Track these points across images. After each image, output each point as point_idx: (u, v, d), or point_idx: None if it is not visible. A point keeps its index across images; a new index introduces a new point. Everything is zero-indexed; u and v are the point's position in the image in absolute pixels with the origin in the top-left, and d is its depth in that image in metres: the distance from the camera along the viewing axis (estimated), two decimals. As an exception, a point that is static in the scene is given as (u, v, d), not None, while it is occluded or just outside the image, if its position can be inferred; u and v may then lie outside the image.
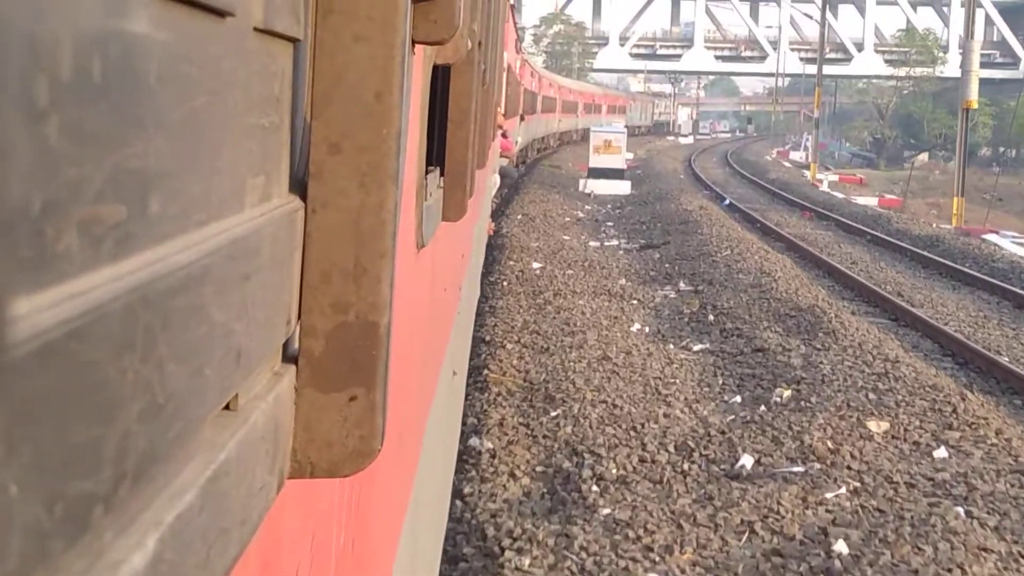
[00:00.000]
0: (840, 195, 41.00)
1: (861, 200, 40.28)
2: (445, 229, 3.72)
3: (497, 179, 20.09)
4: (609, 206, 30.24)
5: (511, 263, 18.20)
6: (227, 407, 0.98)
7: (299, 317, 1.20)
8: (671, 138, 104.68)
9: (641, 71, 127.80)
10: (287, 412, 1.16)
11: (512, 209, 26.77)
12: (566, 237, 22.26)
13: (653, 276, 18.15)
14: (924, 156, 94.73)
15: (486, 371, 11.31)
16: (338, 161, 1.19)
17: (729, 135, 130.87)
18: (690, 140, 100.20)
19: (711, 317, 14.48)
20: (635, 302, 15.49)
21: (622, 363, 11.65)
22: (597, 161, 33.87)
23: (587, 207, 29.55)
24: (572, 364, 11.46)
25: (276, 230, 1.08)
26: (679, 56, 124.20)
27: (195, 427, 0.85)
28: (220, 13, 0.89)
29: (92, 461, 0.67)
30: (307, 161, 1.19)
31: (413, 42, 1.93)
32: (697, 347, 12.81)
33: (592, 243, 21.89)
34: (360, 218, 1.19)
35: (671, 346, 12.79)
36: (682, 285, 17.08)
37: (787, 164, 64.17)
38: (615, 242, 22.38)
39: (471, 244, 7.29)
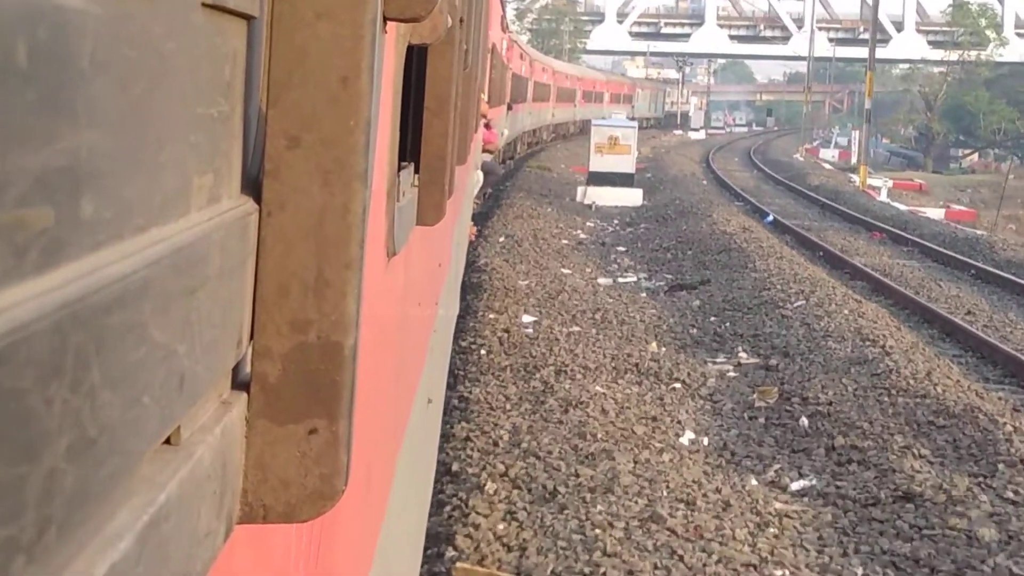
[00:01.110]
0: (901, 206, 38.34)
1: (927, 212, 38.28)
2: (420, 234, 3.73)
3: (480, 176, 20.02)
4: (617, 222, 27.21)
5: (491, 315, 14.55)
6: (168, 441, 0.98)
7: (252, 337, 1.20)
8: (679, 132, 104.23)
9: (642, 53, 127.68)
10: (237, 447, 1.16)
11: (492, 227, 23.35)
12: (566, 271, 18.85)
13: (696, 338, 14.50)
14: (975, 156, 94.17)
15: (450, 555, 7.57)
16: (298, 156, 1.19)
17: (746, 129, 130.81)
18: (701, 135, 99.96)
19: (804, 420, 10.77)
20: (678, 386, 11.89)
21: (682, 527, 8.06)
22: (600, 163, 31.03)
23: (589, 224, 26.55)
24: (599, 532, 7.80)
25: (226, 236, 1.08)
26: (687, 36, 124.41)
27: (131, 464, 0.86)
28: (163, -14, 0.89)
29: (12, 504, 0.67)
30: (262, 157, 1.20)
31: (385, 19, 1.94)
32: (797, 485, 9.34)
33: (602, 280, 18.57)
34: (323, 222, 1.19)
35: (754, 481, 9.32)
36: (743, 355, 13.52)
37: (827, 166, 63.00)
38: (632, 277, 19.22)
39: (450, 251, 7.30)
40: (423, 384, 4.62)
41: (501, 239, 21.83)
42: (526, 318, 14.66)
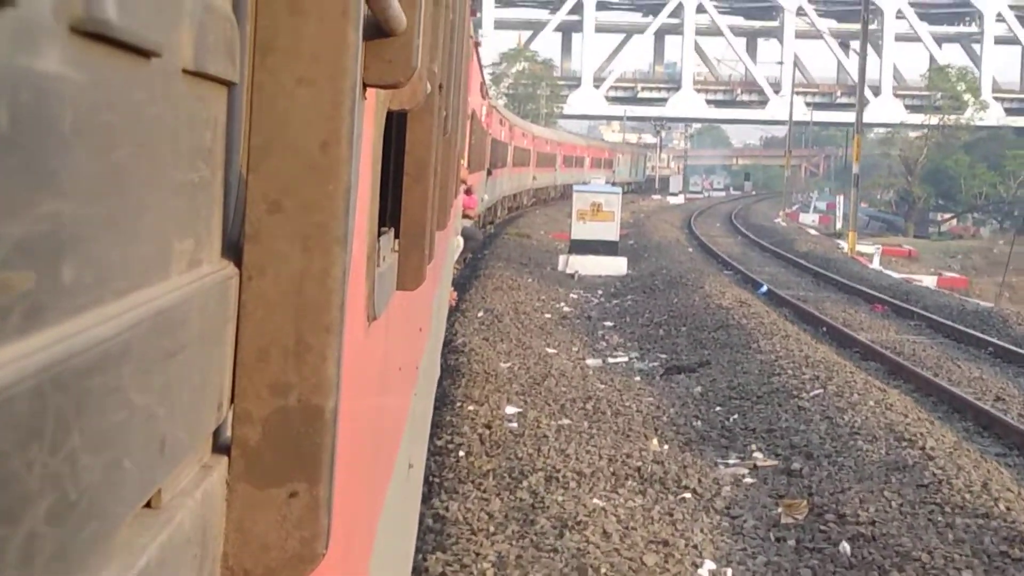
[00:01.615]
0: (894, 274, 37.00)
1: (921, 280, 36.91)
2: (400, 299, 3.73)
3: (460, 241, 20.08)
4: (601, 294, 25.96)
5: (470, 407, 13.01)
6: (148, 504, 0.98)
7: (232, 401, 1.20)
8: (657, 197, 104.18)
9: (619, 117, 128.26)
10: (217, 510, 1.16)
11: (471, 300, 22.07)
12: (551, 350, 17.41)
13: (702, 432, 12.86)
14: (953, 220, 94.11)
15: None
16: (278, 221, 1.19)
17: (723, 193, 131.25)
18: (680, 200, 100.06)
19: (845, 546, 9.11)
20: (688, 496, 10.43)
21: None
22: (582, 231, 30.03)
23: (572, 295, 25.14)
24: None
25: (206, 301, 1.08)
26: (664, 100, 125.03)
27: (112, 528, 0.85)
28: (144, 53, 0.90)
29: (-8, 567, 0.67)
30: (242, 221, 1.20)
31: (364, 85, 1.95)
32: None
33: (591, 360, 17.10)
34: (303, 287, 1.20)
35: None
36: (758, 455, 11.94)
37: (812, 231, 62.57)
38: (623, 357, 17.77)
39: (430, 316, 7.30)
40: (404, 448, 4.61)
41: (480, 314, 20.24)
42: (509, 409, 13.02)
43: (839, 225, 64.92)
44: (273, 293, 1.19)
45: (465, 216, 22.59)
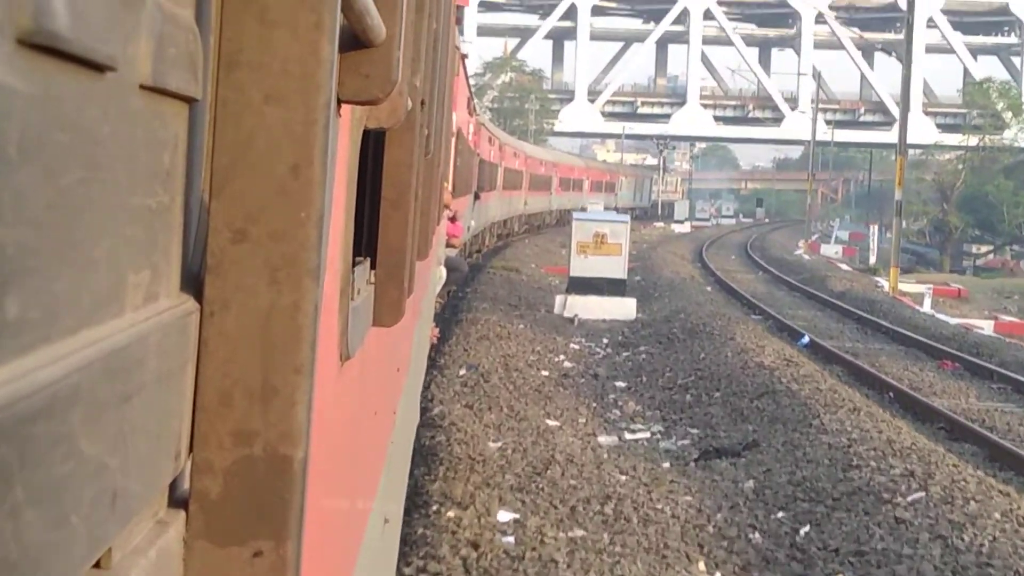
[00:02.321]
0: (948, 318, 34.53)
1: (979, 325, 33.32)
2: (377, 337, 3.73)
3: (443, 273, 20.00)
4: (608, 343, 24.22)
5: (451, 513, 11.20)
6: (98, 564, 0.98)
7: (191, 450, 1.20)
8: (659, 225, 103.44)
9: (617, 135, 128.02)
10: (174, 571, 1.16)
11: (450, 354, 20.24)
12: (552, 422, 15.54)
13: (765, 552, 10.72)
14: (991, 254, 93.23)
15: None
16: (243, 251, 1.20)
17: (733, 221, 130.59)
18: (686, 228, 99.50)
19: None
20: None
21: None
22: (583, 266, 28.42)
23: (573, 346, 23.29)
24: None
25: (164, 338, 1.08)
26: (667, 117, 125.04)
27: (57, 590, 0.85)
28: (98, 67, 0.91)
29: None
30: (204, 251, 1.21)
31: (339, 102, 1.96)
32: None
33: (604, 438, 15.07)
34: (270, 323, 1.20)
35: None
36: None
37: (843, 267, 61.06)
38: (644, 432, 15.80)
39: (409, 355, 7.29)
40: (379, 501, 4.60)
41: (461, 372, 18.36)
42: (503, 515, 11.11)
43: (872, 259, 64.46)
44: (237, 330, 1.20)
45: (449, 245, 22.46)
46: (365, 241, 3.57)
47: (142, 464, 1.04)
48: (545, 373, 19.70)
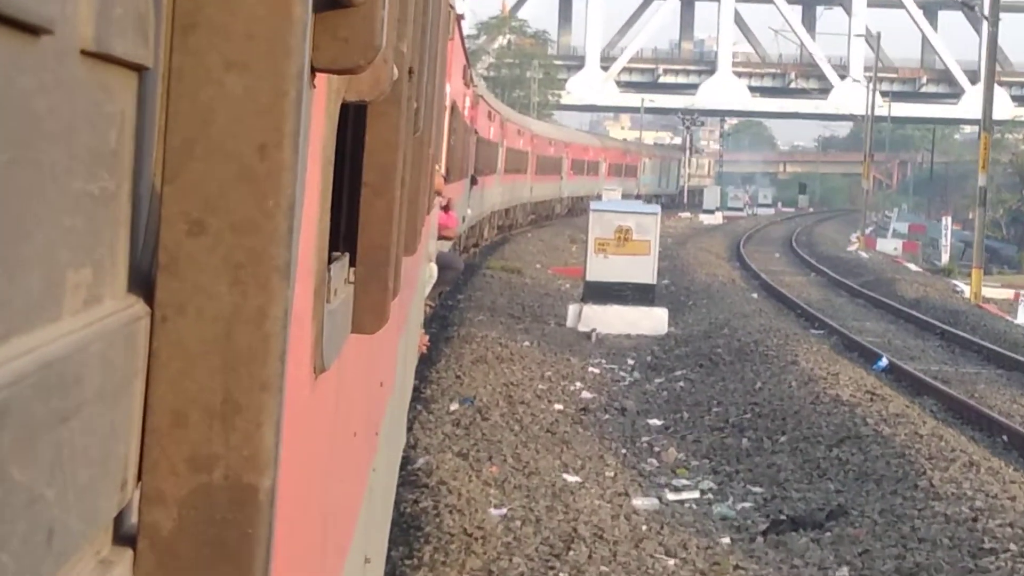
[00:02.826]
0: None
1: None
2: (357, 345, 3.73)
3: (434, 271, 19.99)
4: (634, 364, 22.94)
5: None
6: (31, 612, 0.98)
7: (139, 478, 1.20)
8: (685, 215, 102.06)
9: (634, 109, 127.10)
10: (119, 620, 1.16)
11: (438, 381, 18.97)
12: (571, 477, 14.23)
13: None
14: None
15: None
16: (201, 246, 1.20)
17: (772, 211, 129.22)
18: (717, 219, 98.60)
19: None
20: None
21: None
22: (602, 268, 27.24)
23: (592, 369, 21.84)
24: None
25: (108, 348, 1.08)
26: (694, 87, 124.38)
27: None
28: (32, 29, 0.91)
29: None
30: (156, 246, 1.21)
31: (313, 70, 1.96)
32: None
33: (640, 500, 13.64)
34: (232, 331, 1.20)
35: None
36: None
37: (912, 267, 59.31)
38: (691, 492, 14.47)
39: (394, 367, 7.30)
40: (359, 538, 4.60)
41: (453, 408, 17.01)
42: None
43: (945, 257, 64.03)
44: (194, 338, 1.20)
45: (441, 238, 22.44)
46: (343, 234, 3.57)
47: (83, 495, 1.03)
48: (559, 407, 18.16)
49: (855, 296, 40.26)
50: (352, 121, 3.52)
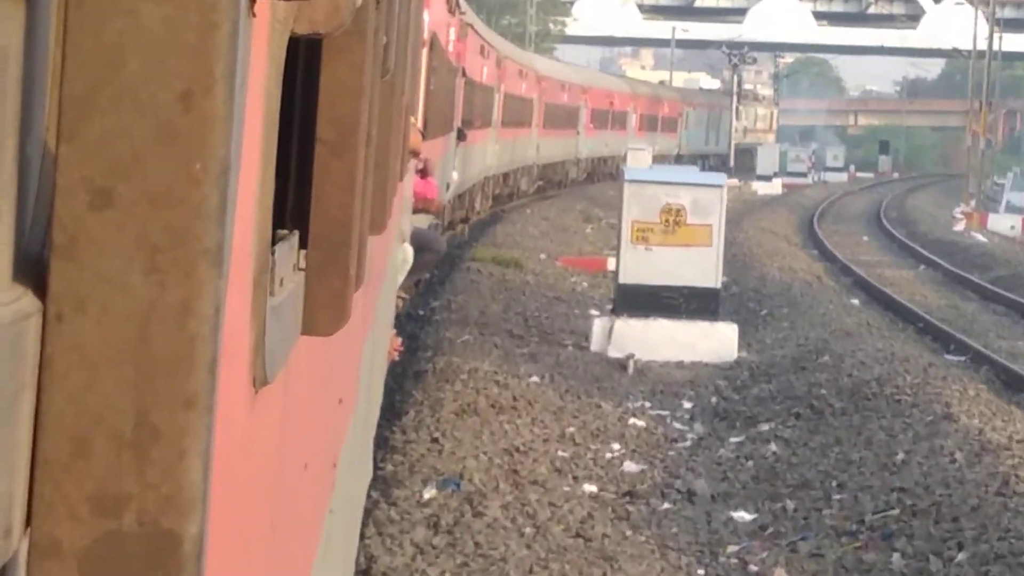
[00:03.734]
0: None
1: None
2: (309, 351, 3.74)
3: (409, 253, 19.94)
4: (691, 408, 20.67)
5: None
6: None
7: (28, 523, 1.20)
8: (735, 182, 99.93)
9: (662, 42, 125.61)
10: None
11: (406, 449, 16.44)
12: None
13: None
14: None
15: None
16: (108, 223, 1.20)
17: (845, 177, 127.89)
18: (775, 188, 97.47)
19: None
20: None
21: None
22: (642, 265, 25.14)
23: (632, 420, 19.31)
24: None
25: (-13, 354, 1.09)
26: (741, 12, 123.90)
27: None
28: None
29: None
30: (49, 223, 1.21)
31: (252, -5, 1.96)
32: None
33: None
34: (148, 332, 1.20)
35: None
36: None
37: None
38: None
39: (357, 379, 7.30)
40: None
41: (428, 495, 14.69)
42: None
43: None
44: (99, 342, 1.20)
45: (419, 211, 22.33)
46: (292, 207, 3.57)
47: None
48: (591, 488, 15.68)
49: (988, 299, 37.75)
50: (304, 61, 3.52)
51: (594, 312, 26.38)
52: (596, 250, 37.23)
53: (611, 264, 28.56)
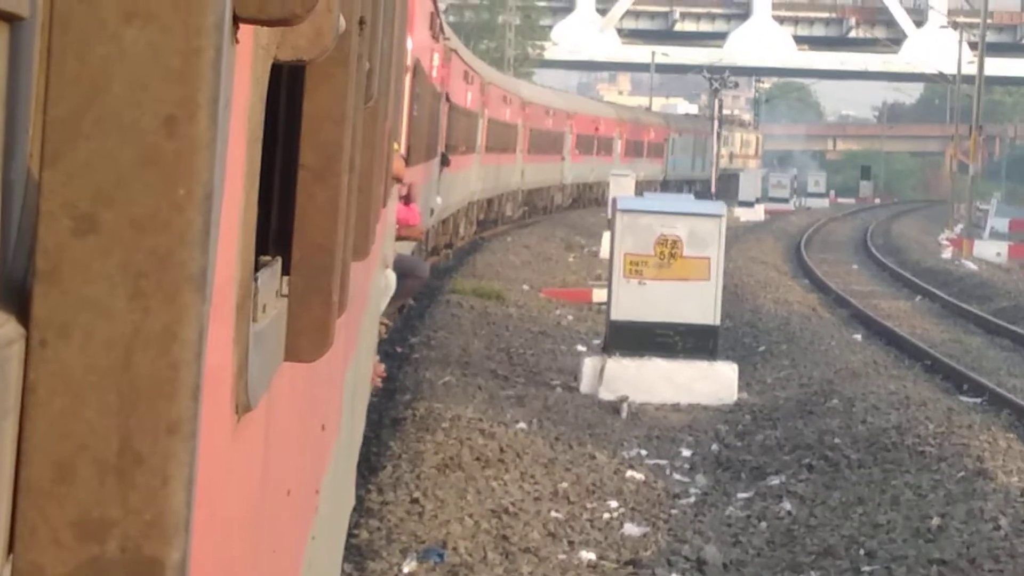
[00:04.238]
0: None
1: None
2: (292, 377, 3.74)
3: (392, 280, 19.93)
4: (691, 457, 19.50)
5: None
6: None
7: (10, 549, 1.20)
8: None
9: (642, 66, 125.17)
10: None
11: (382, 513, 14.74)
12: None
13: None
14: None
15: None
16: (92, 248, 1.20)
17: (827, 202, 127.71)
18: (758, 214, 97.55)
19: None
20: None
21: None
22: (635, 301, 23.98)
23: (631, 473, 17.90)
24: None
25: (-29, 380, 1.09)
26: (722, 36, 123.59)
27: None
28: None
29: None
30: (33, 248, 1.21)
31: (237, 20, 1.96)
32: None
33: None
34: (132, 358, 1.20)
35: None
36: None
37: None
38: None
39: (340, 405, 7.29)
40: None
41: (407, 569, 13.22)
42: None
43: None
44: (82, 368, 1.20)
45: (401, 238, 22.28)
46: (275, 233, 3.57)
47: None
48: (589, 556, 14.26)
49: (992, 333, 36.21)
50: (287, 87, 3.53)
51: (581, 348, 25.53)
52: (580, 280, 36.76)
53: (596, 295, 27.93)
